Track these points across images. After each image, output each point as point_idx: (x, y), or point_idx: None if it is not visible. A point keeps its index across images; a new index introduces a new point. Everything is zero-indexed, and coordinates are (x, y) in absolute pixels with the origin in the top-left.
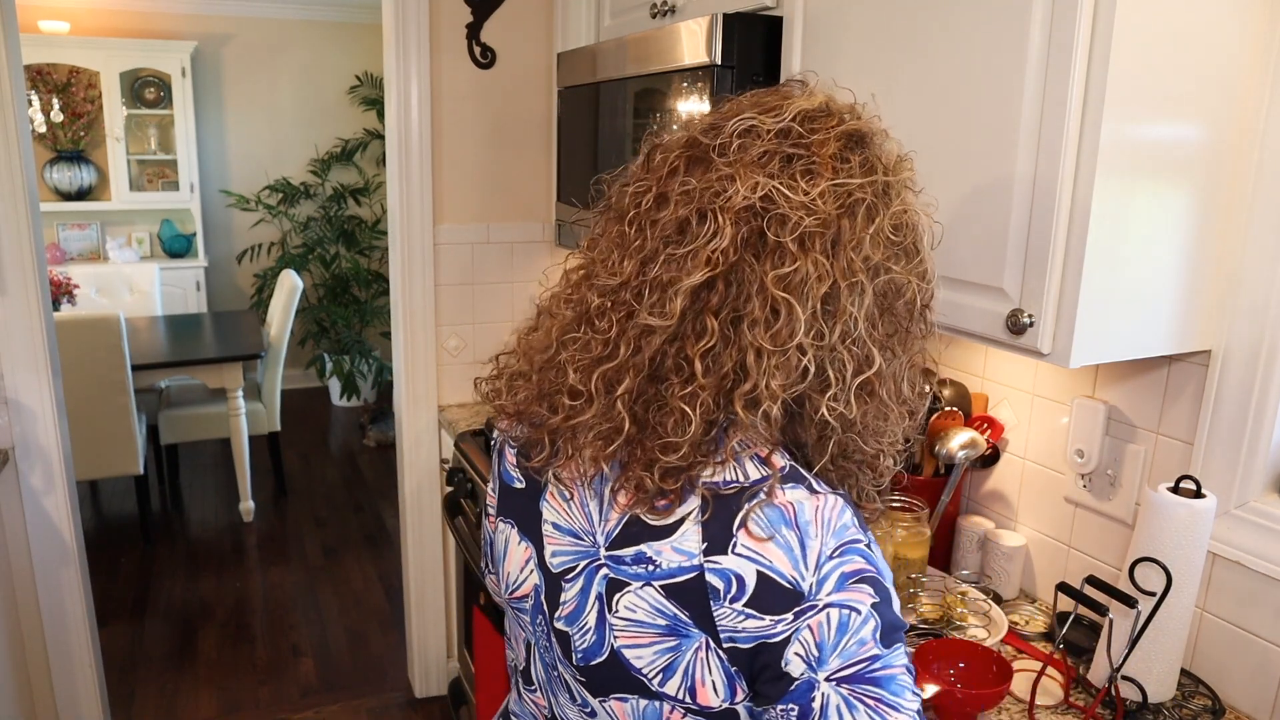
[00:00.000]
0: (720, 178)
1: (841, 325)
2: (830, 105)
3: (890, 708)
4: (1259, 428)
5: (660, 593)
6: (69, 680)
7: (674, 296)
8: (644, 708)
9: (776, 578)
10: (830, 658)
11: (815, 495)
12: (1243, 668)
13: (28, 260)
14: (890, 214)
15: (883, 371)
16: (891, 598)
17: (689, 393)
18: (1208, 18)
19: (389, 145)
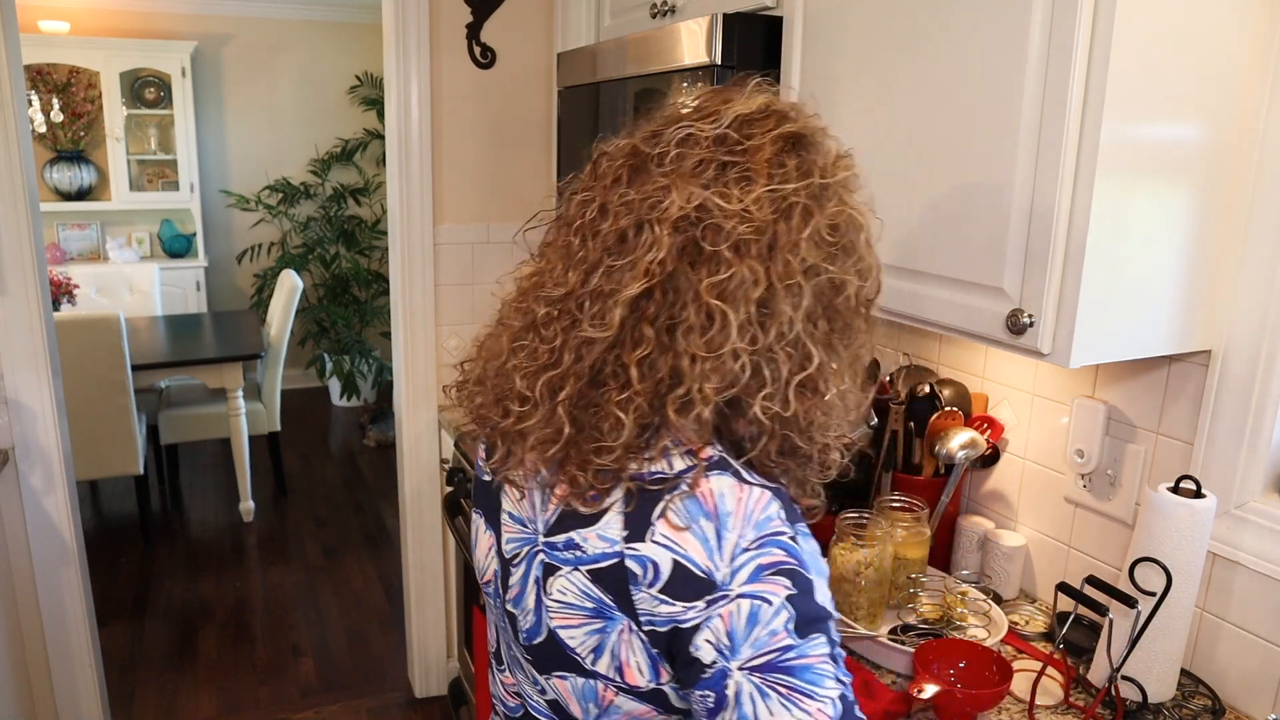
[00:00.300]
0: (657, 188)
1: (777, 327)
2: (771, 107)
3: (805, 696)
4: (1259, 428)
5: (587, 577)
6: (69, 680)
7: (613, 307)
8: (582, 685)
9: (690, 566)
10: (742, 647)
11: (741, 486)
12: (1243, 668)
13: (28, 260)
14: (826, 215)
15: (823, 369)
16: (814, 589)
17: (624, 398)
18: (1208, 18)
19: (389, 145)
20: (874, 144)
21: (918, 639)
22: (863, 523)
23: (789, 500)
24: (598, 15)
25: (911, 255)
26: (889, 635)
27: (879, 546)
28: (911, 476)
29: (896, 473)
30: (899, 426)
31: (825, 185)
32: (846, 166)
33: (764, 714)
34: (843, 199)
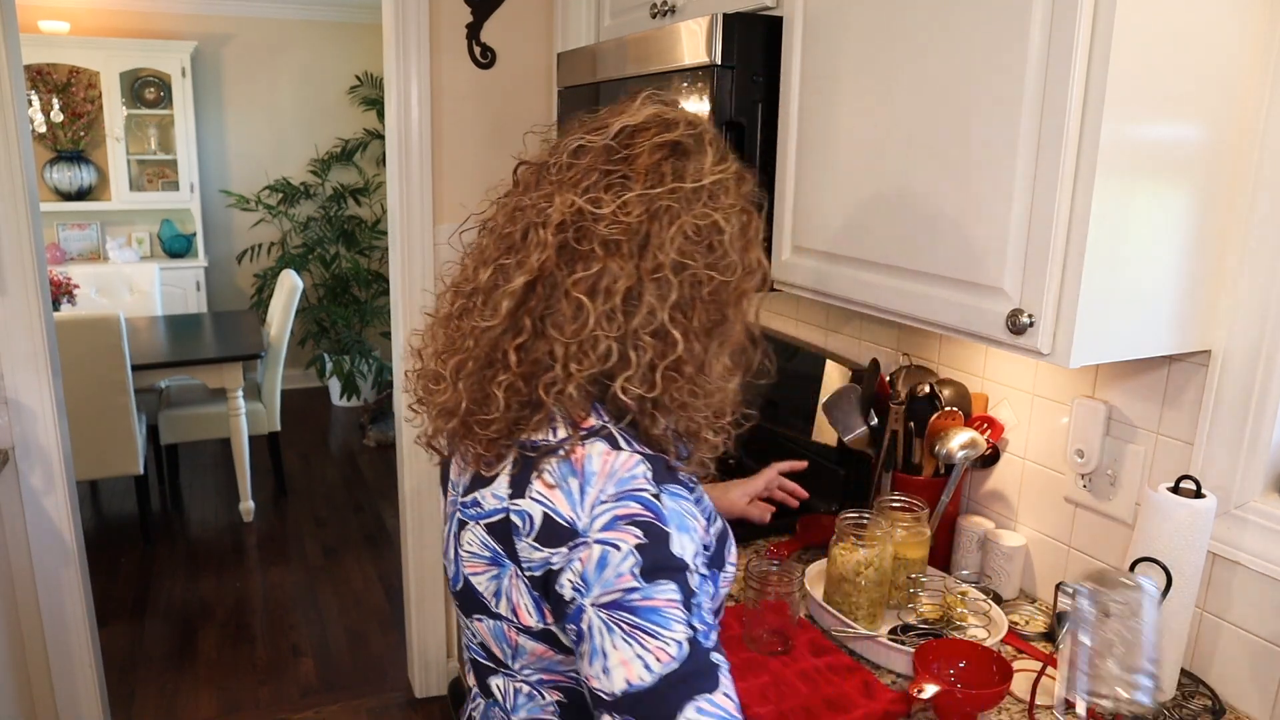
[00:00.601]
0: (544, 195)
1: (643, 316)
2: (659, 117)
3: (647, 634)
4: (1259, 428)
5: (484, 530)
6: (69, 680)
7: (501, 299)
8: (493, 627)
9: (557, 517)
10: (594, 585)
11: (612, 450)
12: (1243, 668)
13: (28, 260)
14: (693, 216)
15: (689, 355)
16: (668, 540)
17: (502, 379)
18: (1208, 18)
19: (389, 145)
20: (874, 144)
21: (918, 639)
22: (863, 523)
23: (665, 466)
24: (598, 15)
25: (911, 255)
26: (889, 635)
27: (879, 546)
28: (911, 476)
29: (896, 473)
30: (899, 426)
31: (696, 189)
32: (721, 172)
33: (609, 647)
34: (711, 202)
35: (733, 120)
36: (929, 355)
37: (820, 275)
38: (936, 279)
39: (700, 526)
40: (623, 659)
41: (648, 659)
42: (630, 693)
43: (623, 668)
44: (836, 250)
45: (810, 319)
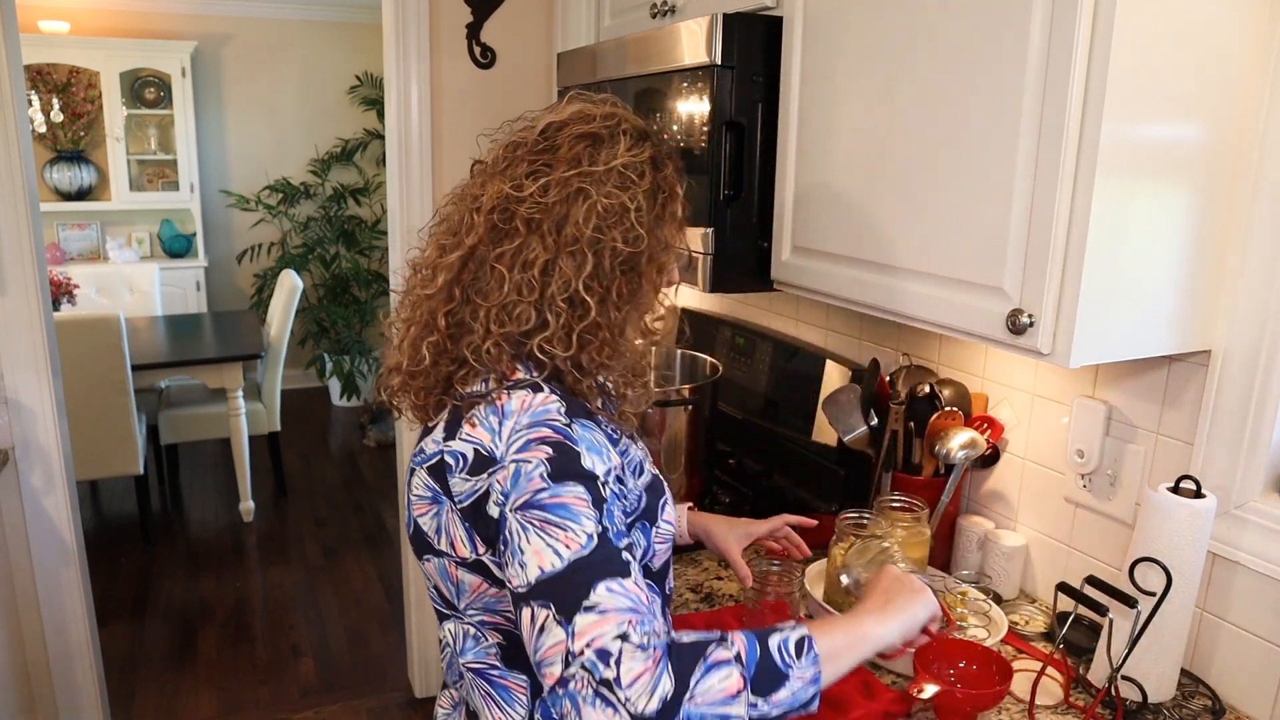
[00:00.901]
0: (480, 185)
1: (558, 284)
2: (581, 113)
3: (556, 527)
4: (1259, 428)
5: (426, 473)
6: (69, 680)
7: (439, 273)
8: (438, 565)
9: (480, 450)
10: (512, 494)
11: (531, 393)
12: (1243, 668)
13: (28, 260)
14: (603, 195)
15: (602, 321)
16: (578, 457)
17: (431, 340)
18: (1208, 18)
19: (389, 145)
20: (874, 143)
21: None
22: (863, 523)
23: (585, 409)
24: (598, 15)
25: (912, 255)
26: None
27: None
28: (911, 476)
29: (896, 473)
30: (899, 426)
31: (607, 171)
32: (632, 156)
33: (525, 544)
34: (620, 183)
35: (733, 120)
36: (929, 355)
37: (820, 275)
38: (936, 279)
39: (613, 457)
40: (536, 550)
41: (558, 547)
42: (543, 579)
43: (535, 558)
44: (836, 250)
45: (810, 319)
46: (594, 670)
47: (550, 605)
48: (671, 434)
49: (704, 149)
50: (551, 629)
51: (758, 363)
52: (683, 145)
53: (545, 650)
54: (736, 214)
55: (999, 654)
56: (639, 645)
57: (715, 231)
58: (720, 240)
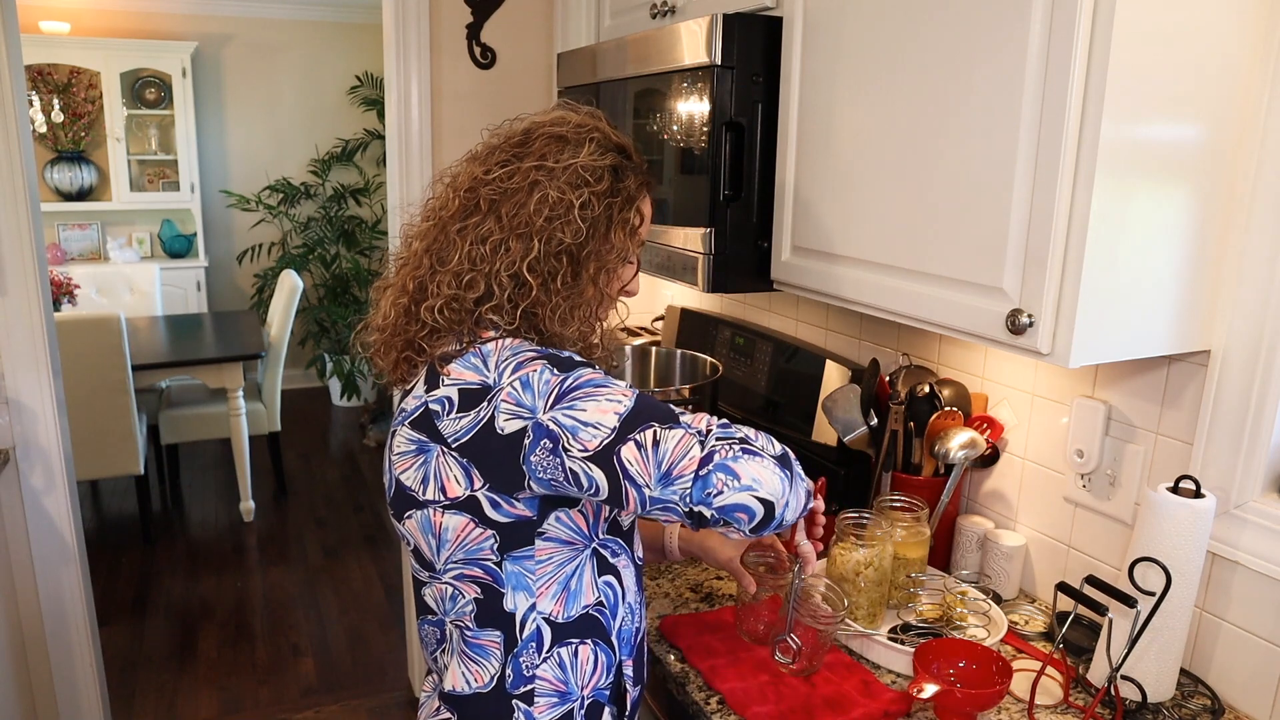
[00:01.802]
0: (460, 170)
1: (504, 261)
2: (560, 118)
3: (602, 390)
4: (1258, 427)
5: (409, 427)
6: (69, 680)
7: (414, 240)
8: (420, 518)
9: (470, 387)
10: (537, 402)
11: (501, 341)
12: (1243, 668)
13: (28, 260)
14: (555, 189)
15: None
16: (572, 364)
17: (400, 301)
18: (1208, 17)
19: (389, 145)
20: (874, 143)
21: (917, 639)
22: (863, 523)
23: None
24: (598, 15)
25: (911, 255)
26: (889, 635)
27: (879, 546)
28: (911, 476)
29: (896, 473)
30: (899, 426)
31: (564, 169)
32: (592, 161)
33: (584, 416)
34: (572, 182)
35: (733, 120)
36: (929, 355)
37: (820, 275)
38: (936, 279)
39: (595, 374)
40: (600, 410)
41: (613, 403)
42: (625, 416)
43: (604, 415)
44: (836, 250)
45: (810, 319)
46: (728, 437)
47: (651, 424)
48: None
49: (704, 149)
50: (666, 435)
51: (758, 363)
52: (683, 145)
53: (672, 452)
54: (736, 214)
55: (999, 654)
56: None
57: (715, 231)
58: (720, 240)
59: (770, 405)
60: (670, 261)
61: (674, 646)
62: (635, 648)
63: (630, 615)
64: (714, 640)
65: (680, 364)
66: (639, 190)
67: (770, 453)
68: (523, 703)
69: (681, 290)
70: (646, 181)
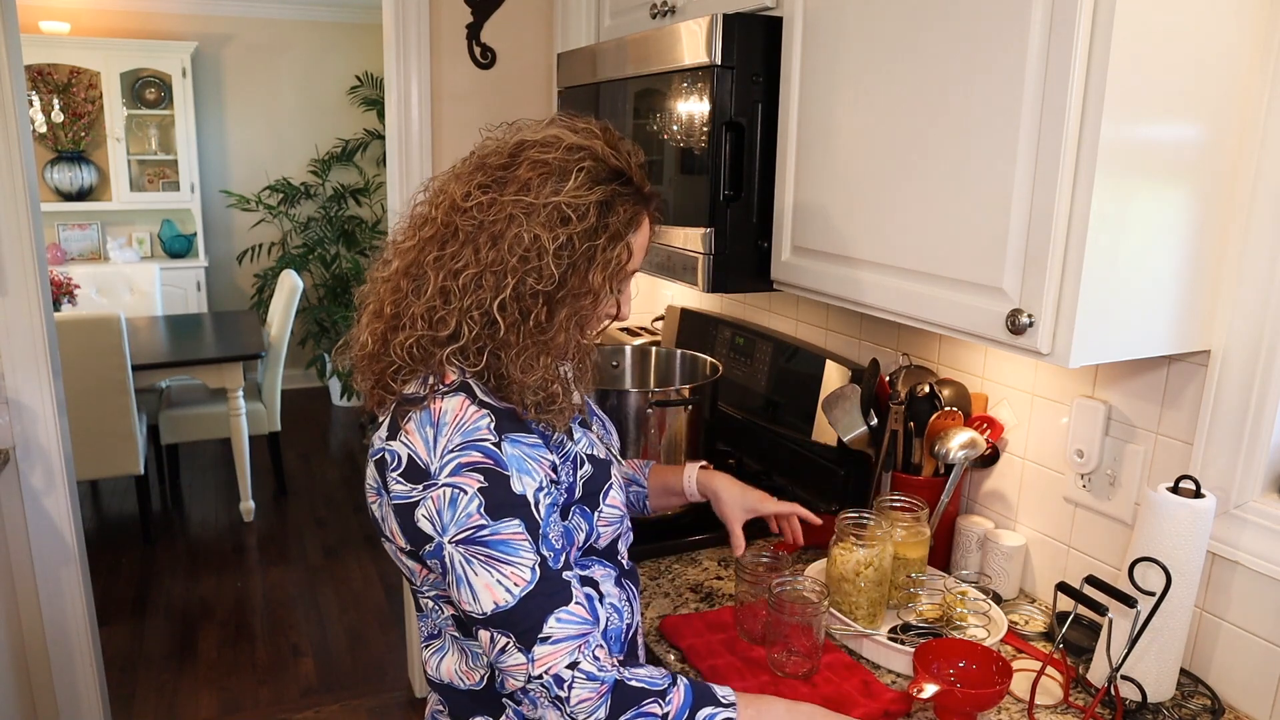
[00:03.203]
0: (447, 182)
1: (475, 299)
2: (553, 138)
3: (502, 563)
4: (1258, 427)
5: (373, 465)
6: (69, 680)
7: (393, 259)
8: (390, 549)
9: (415, 458)
10: (449, 525)
11: (464, 404)
12: (1243, 668)
13: (28, 260)
14: (534, 226)
15: (514, 343)
16: (507, 484)
17: (376, 328)
18: (1208, 18)
19: (389, 145)
20: (874, 143)
21: (918, 639)
22: (863, 523)
23: (513, 417)
24: (598, 15)
25: (912, 255)
26: (889, 635)
27: (879, 546)
28: (911, 476)
29: (896, 473)
30: (899, 426)
31: (545, 205)
32: (575, 197)
33: (473, 577)
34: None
35: (733, 120)
36: (929, 355)
37: (820, 275)
38: (936, 279)
39: (541, 469)
40: (486, 584)
41: (506, 584)
42: (498, 612)
43: (487, 591)
44: (836, 250)
45: (810, 319)
46: (550, 689)
47: (509, 634)
48: (671, 434)
49: (704, 149)
50: (513, 653)
51: (758, 363)
52: (683, 145)
53: (507, 666)
54: (736, 214)
55: (998, 653)
56: (588, 675)
57: (715, 231)
58: (720, 240)
59: (770, 405)
60: (670, 261)
61: (674, 646)
62: (626, 644)
63: (616, 614)
64: (714, 640)
65: (680, 364)
66: (629, 224)
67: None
68: (512, 701)
69: (681, 290)
70: (642, 209)
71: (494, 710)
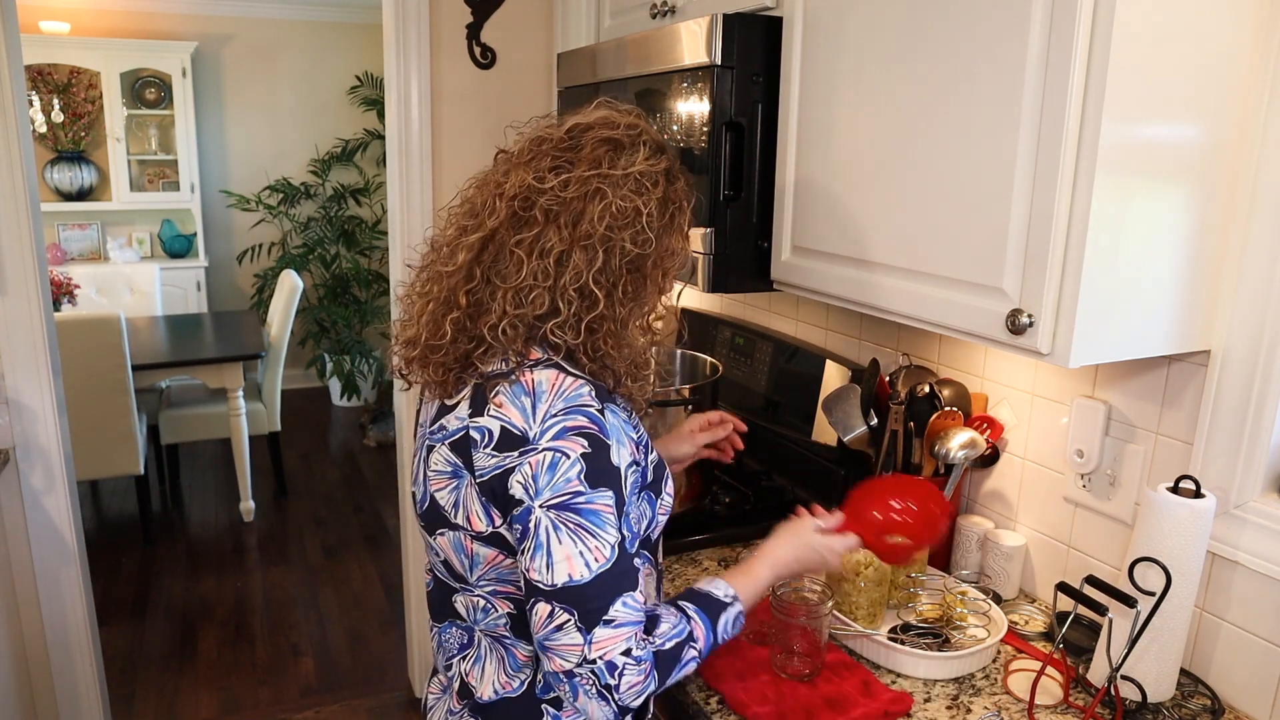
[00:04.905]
0: (504, 173)
1: (570, 275)
2: (606, 119)
3: (589, 534)
4: (1258, 427)
5: (448, 448)
6: (70, 680)
7: (459, 251)
8: (453, 539)
9: (511, 428)
10: (544, 489)
11: (560, 375)
12: (1242, 668)
13: (28, 260)
14: (619, 197)
15: (611, 313)
16: (610, 452)
17: (453, 317)
18: (1208, 19)
19: (389, 145)
20: (874, 143)
21: (918, 639)
22: None
23: (607, 390)
24: (598, 15)
25: (912, 255)
26: (889, 635)
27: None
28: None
29: (897, 473)
30: (899, 426)
31: (625, 176)
32: (649, 165)
33: (554, 543)
34: (635, 189)
35: (733, 120)
36: (929, 355)
37: (820, 275)
38: (936, 279)
39: (631, 442)
40: (567, 554)
41: (588, 557)
42: (570, 585)
43: (566, 563)
44: (836, 250)
45: (810, 319)
46: (600, 676)
47: (573, 612)
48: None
49: (704, 149)
50: (570, 632)
51: (758, 363)
52: (683, 145)
53: (560, 645)
54: (736, 214)
55: (931, 484)
56: (638, 659)
57: (715, 231)
58: (720, 240)
59: (770, 405)
60: None
61: None
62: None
63: None
64: None
65: (680, 364)
66: (686, 190)
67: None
68: (552, 707)
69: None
70: (688, 180)
71: (532, 716)
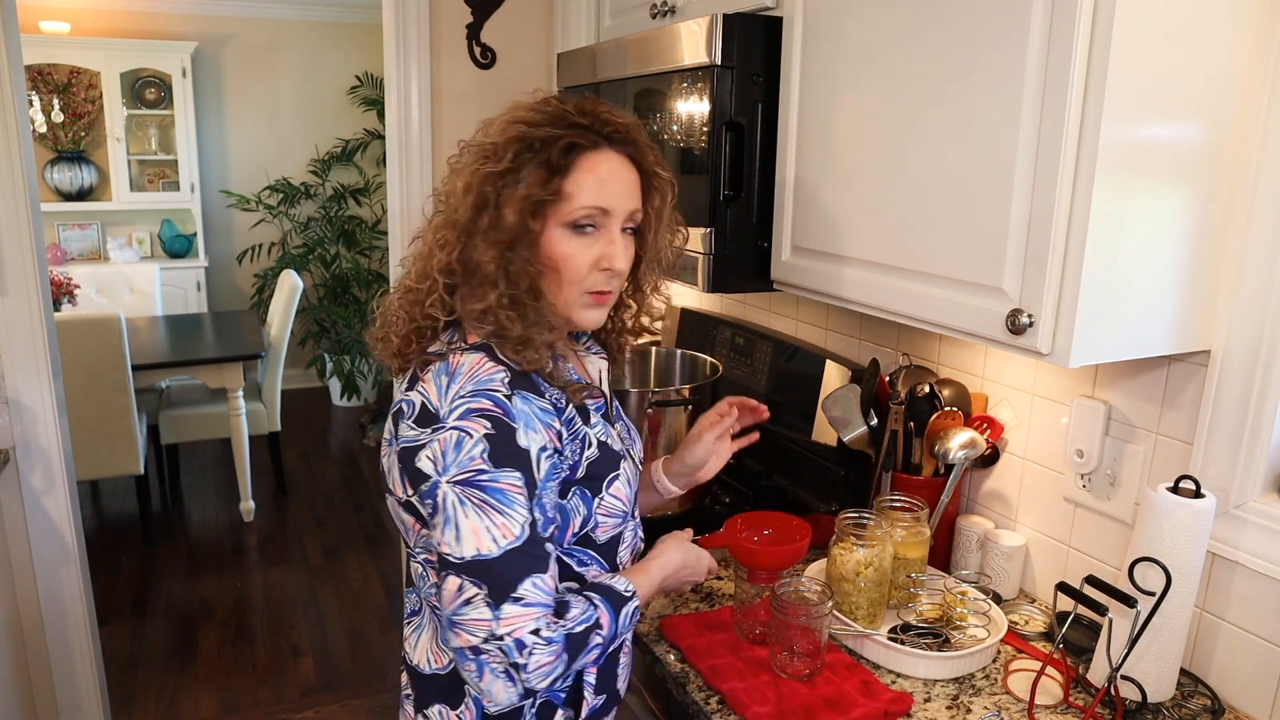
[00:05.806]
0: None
1: (453, 254)
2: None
3: (495, 510)
4: (1258, 427)
5: (390, 419)
6: (70, 680)
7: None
8: (390, 503)
9: (429, 404)
10: (450, 465)
11: (483, 359)
12: (1243, 668)
13: (28, 260)
14: (470, 173)
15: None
16: (513, 435)
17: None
18: (1208, 19)
19: (389, 145)
20: (874, 143)
21: (918, 639)
22: (863, 523)
23: (532, 378)
24: (598, 15)
25: (912, 255)
26: (889, 635)
27: (879, 546)
28: (911, 476)
29: (896, 473)
30: (899, 426)
31: (472, 147)
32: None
33: (461, 517)
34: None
35: (733, 120)
36: (929, 355)
37: (820, 275)
38: (936, 279)
39: (547, 432)
40: (474, 528)
41: (494, 533)
42: (478, 559)
43: (473, 536)
44: (836, 250)
45: (810, 319)
46: (509, 653)
47: (482, 586)
48: (671, 434)
49: (704, 149)
50: (479, 606)
51: (758, 363)
52: (683, 145)
53: (468, 620)
54: (736, 214)
55: (799, 519)
56: (549, 640)
57: (715, 231)
58: (720, 240)
59: (770, 405)
60: None
61: (674, 646)
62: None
63: None
64: (714, 640)
65: (680, 364)
66: (562, 158)
67: (529, 684)
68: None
69: (681, 290)
70: (580, 147)
71: (454, 699)
